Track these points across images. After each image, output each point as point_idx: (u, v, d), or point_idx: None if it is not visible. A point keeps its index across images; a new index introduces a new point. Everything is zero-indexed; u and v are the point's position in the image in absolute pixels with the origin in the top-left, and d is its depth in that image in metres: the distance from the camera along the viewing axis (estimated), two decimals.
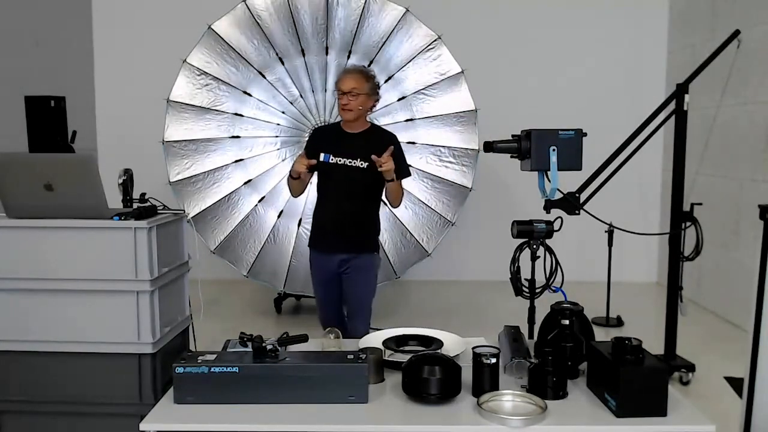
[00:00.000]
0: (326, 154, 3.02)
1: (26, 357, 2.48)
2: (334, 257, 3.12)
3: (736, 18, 4.93)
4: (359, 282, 3.17)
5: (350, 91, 2.99)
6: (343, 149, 3.04)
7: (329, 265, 3.13)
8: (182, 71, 4.69)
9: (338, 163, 3.03)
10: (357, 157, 3.03)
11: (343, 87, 3.01)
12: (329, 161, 3.02)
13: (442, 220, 4.82)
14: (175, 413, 1.81)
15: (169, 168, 4.66)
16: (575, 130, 2.37)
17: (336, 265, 3.12)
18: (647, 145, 3.80)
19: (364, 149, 3.01)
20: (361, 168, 3.03)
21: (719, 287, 5.21)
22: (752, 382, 2.28)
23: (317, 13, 4.70)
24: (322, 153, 3.02)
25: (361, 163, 3.03)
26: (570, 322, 2.08)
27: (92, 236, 2.41)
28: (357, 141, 3.07)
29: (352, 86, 2.99)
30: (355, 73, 3.07)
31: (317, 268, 3.20)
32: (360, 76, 3.04)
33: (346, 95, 2.99)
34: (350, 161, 3.03)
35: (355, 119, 3.05)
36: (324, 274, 3.17)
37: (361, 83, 3.02)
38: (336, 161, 3.03)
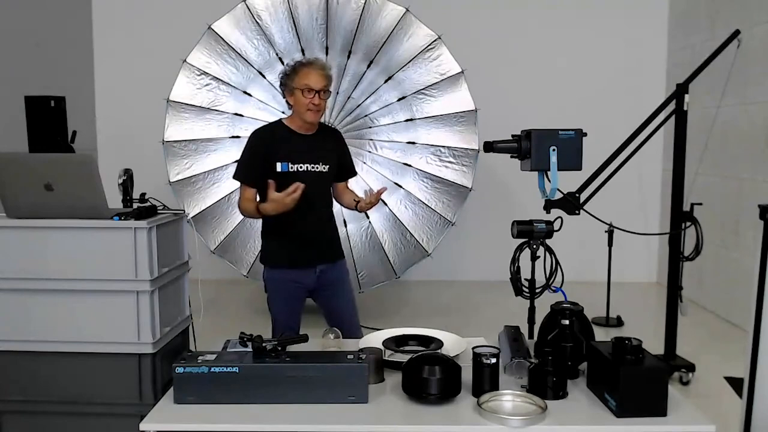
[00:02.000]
0: (284, 163, 2.69)
1: (26, 357, 2.48)
2: (310, 271, 2.83)
3: (736, 18, 4.93)
4: (344, 293, 2.94)
5: (322, 88, 2.67)
6: (302, 154, 2.72)
7: (305, 280, 2.84)
8: (182, 71, 4.69)
9: (299, 171, 2.71)
10: (318, 161, 2.76)
11: (314, 84, 2.65)
12: (288, 170, 2.70)
13: (442, 220, 4.82)
14: (175, 413, 1.81)
15: (169, 168, 4.66)
16: (575, 130, 2.37)
17: (314, 279, 2.85)
18: (647, 145, 3.80)
19: (322, 151, 2.78)
20: (324, 172, 2.79)
21: (719, 287, 5.21)
22: (752, 382, 2.28)
23: (317, 13, 4.70)
24: (279, 162, 2.68)
25: (323, 167, 2.77)
26: (570, 322, 2.08)
27: (92, 236, 2.41)
28: (313, 143, 2.78)
29: (324, 83, 2.68)
30: (323, 68, 2.72)
31: (288, 286, 2.84)
32: (327, 72, 2.73)
33: (318, 94, 2.66)
34: (313, 166, 2.74)
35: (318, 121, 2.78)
36: (296, 291, 2.85)
37: (329, 80, 2.73)
38: (297, 168, 2.70)
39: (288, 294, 2.85)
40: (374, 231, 4.79)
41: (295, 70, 2.70)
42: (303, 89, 2.66)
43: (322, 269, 2.86)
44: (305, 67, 2.69)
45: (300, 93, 2.67)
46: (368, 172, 4.82)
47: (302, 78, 2.67)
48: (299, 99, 2.68)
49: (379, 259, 4.79)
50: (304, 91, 2.65)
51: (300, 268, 2.83)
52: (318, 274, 2.86)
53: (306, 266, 2.84)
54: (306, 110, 2.68)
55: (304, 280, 2.85)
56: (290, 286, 2.84)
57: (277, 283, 2.85)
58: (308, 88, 2.65)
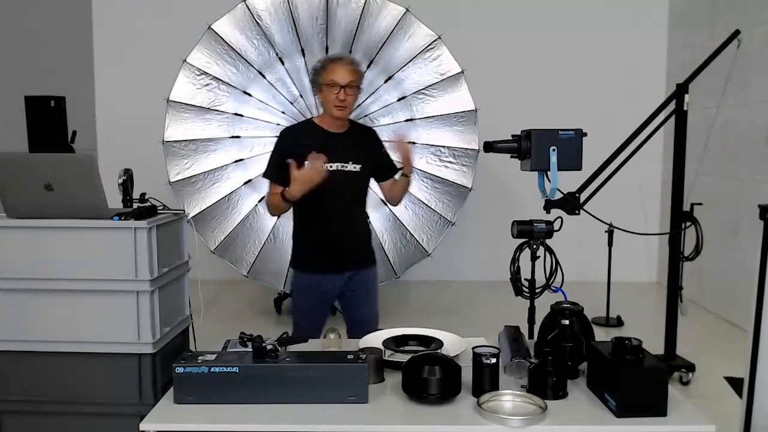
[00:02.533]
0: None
1: (26, 357, 2.48)
2: (339, 276, 2.76)
3: (736, 18, 4.93)
4: (367, 300, 2.85)
5: (348, 84, 2.61)
6: (333, 153, 2.64)
7: (333, 285, 2.77)
8: (182, 71, 4.69)
9: (330, 170, 2.61)
10: (350, 160, 2.69)
11: (339, 80, 2.60)
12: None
13: (442, 220, 4.82)
14: (175, 413, 1.81)
15: (169, 168, 4.66)
16: (575, 130, 2.37)
17: (342, 285, 2.77)
18: (647, 145, 3.80)
19: (354, 150, 2.72)
20: (356, 171, 2.71)
21: (719, 287, 5.21)
22: (752, 382, 2.28)
23: (317, 13, 4.70)
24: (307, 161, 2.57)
25: (354, 166, 2.70)
26: (570, 322, 2.07)
27: (92, 236, 2.41)
28: (344, 141, 2.72)
29: (350, 79, 2.62)
30: (351, 63, 2.67)
31: (313, 293, 2.77)
32: (355, 68, 2.67)
33: (344, 89, 2.60)
34: (343, 165, 2.68)
35: (346, 117, 2.72)
36: (321, 298, 2.78)
37: (356, 75, 2.66)
38: (327, 167, 2.59)
39: (312, 302, 2.78)
40: (374, 231, 4.79)
41: (323, 67, 2.67)
42: (328, 84, 2.62)
43: (352, 274, 2.79)
44: (332, 63, 2.66)
45: (327, 89, 2.63)
46: None
47: (329, 73, 2.63)
48: (326, 95, 2.64)
49: (379, 259, 4.75)
50: (331, 86, 2.61)
51: (328, 273, 2.76)
52: (347, 279, 2.79)
53: (334, 271, 2.76)
54: (332, 106, 2.64)
55: (332, 285, 2.78)
56: (315, 293, 2.77)
57: (302, 288, 2.80)
58: (333, 84, 2.61)
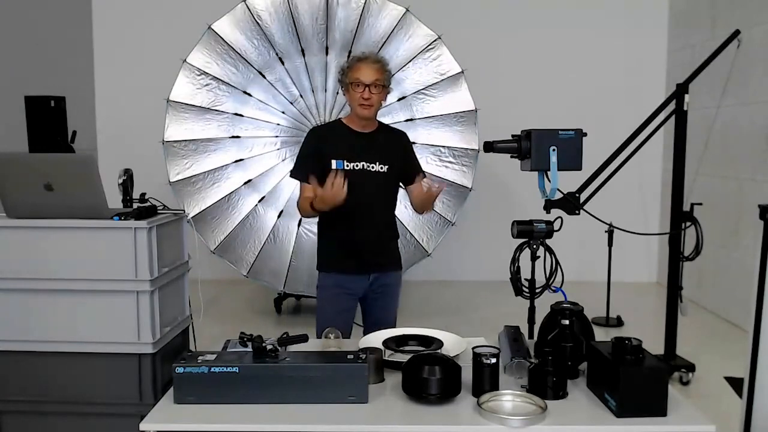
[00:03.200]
0: (339, 160, 2.61)
1: (26, 357, 2.48)
2: (364, 278, 2.73)
3: (736, 18, 4.93)
4: (390, 305, 2.82)
5: (373, 83, 2.58)
6: (359, 152, 2.64)
7: (358, 287, 2.73)
8: (182, 71, 4.69)
9: (355, 169, 2.61)
10: (376, 161, 2.65)
11: (364, 78, 2.57)
12: (344, 168, 2.60)
13: (442, 220, 4.82)
14: (175, 413, 1.81)
15: (169, 168, 4.66)
16: (575, 130, 2.37)
17: (366, 287, 2.74)
18: (647, 145, 3.80)
19: (381, 150, 2.68)
20: (382, 172, 2.67)
21: (719, 287, 5.21)
22: (752, 382, 2.28)
23: (317, 13, 4.70)
24: (334, 160, 2.60)
25: (381, 167, 2.66)
26: (570, 322, 2.07)
27: (92, 236, 2.41)
28: (372, 141, 2.69)
29: (375, 77, 2.58)
30: (376, 62, 2.63)
31: (337, 294, 2.72)
32: (381, 66, 2.63)
33: (368, 88, 2.57)
34: (369, 165, 2.64)
35: (374, 116, 2.67)
36: (346, 300, 2.73)
37: (382, 73, 2.62)
38: (353, 167, 2.61)
39: (337, 303, 2.74)
40: None
41: (350, 66, 2.66)
42: (354, 83, 2.60)
43: (376, 276, 2.76)
44: (358, 62, 2.64)
45: (352, 88, 2.61)
46: None
47: (354, 72, 2.61)
48: (351, 94, 2.63)
49: None
50: (356, 85, 2.60)
51: (352, 274, 2.73)
52: (371, 281, 2.76)
53: (358, 272, 2.73)
54: (357, 105, 2.61)
55: (356, 286, 2.75)
56: (339, 294, 2.73)
57: (326, 290, 2.76)
58: (358, 82, 2.59)
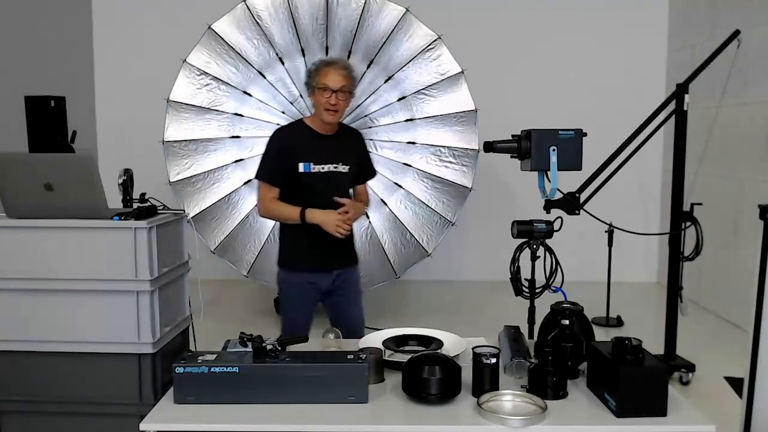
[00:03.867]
0: (306, 163, 2.67)
1: (26, 357, 2.48)
2: (328, 274, 2.81)
3: (736, 18, 4.93)
4: (354, 299, 2.92)
5: (341, 89, 2.63)
6: (324, 154, 2.71)
7: (322, 283, 2.80)
8: (182, 71, 4.69)
9: (321, 172, 2.69)
10: (339, 161, 2.74)
11: (331, 84, 2.62)
12: (311, 170, 2.68)
13: (442, 220, 4.82)
14: (175, 413, 1.81)
15: (169, 168, 4.66)
16: (575, 130, 2.37)
17: (330, 283, 2.82)
18: (647, 145, 3.80)
19: (343, 151, 2.77)
20: (345, 173, 2.77)
21: (719, 287, 5.21)
22: (752, 382, 2.28)
23: (317, 13, 4.70)
24: (301, 163, 2.66)
25: (343, 168, 2.75)
26: (570, 322, 2.08)
27: (92, 236, 2.41)
28: (335, 143, 2.76)
29: (343, 84, 2.63)
30: (344, 68, 2.69)
31: (305, 289, 2.79)
32: (349, 72, 2.69)
33: (336, 94, 2.62)
34: (334, 167, 2.72)
35: (338, 121, 2.75)
36: (312, 295, 2.81)
37: (350, 80, 2.68)
38: (319, 169, 2.69)
39: (303, 298, 2.80)
40: (374, 231, 4.79)
41: (317, 69, 2.68)
42: (321, 88, 2.63)
43: (338, 273, 2.83)
44: (326, 67, 2.67)
45: (319, 92, 2.64)
46: None
47: (322, 77, 2.64)
48: (318, 98, 2.66)
49: (379, 259, 4.79)
50: (323, 90, 2.63)
51: (318, 272, 2.79)
52: (334, 278, 2.82)
53: (324, 269, 2.80)
54: (323, 110, 2.65)
55: (321, 283, 2.80)
56: (307, 289, 2.79)
57: (293, 286, 2.81)
58: (326, 88, 2.62)
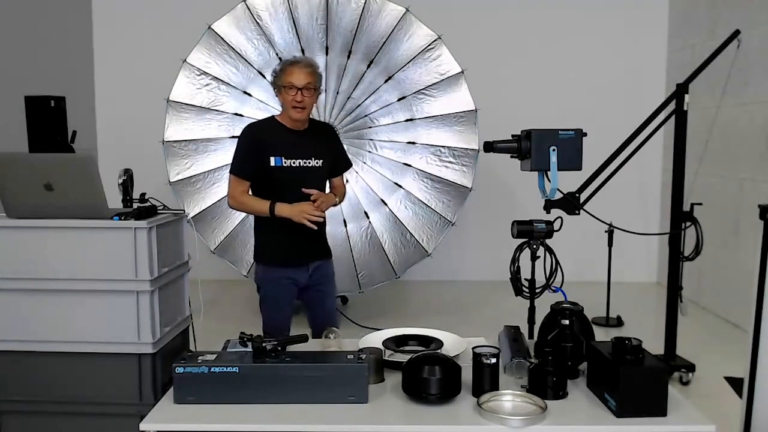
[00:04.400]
0: (277, 158, 2.73)
1: (26, 357, 2.48)
2: (304, 268, 2.86)
3: (736, 18, 4.93)
4: (330, 292, 2.99)
5: (305, 86, 2.69)
6: (296, 150, 2.77)
7: (300, 277, 2.85)
8: (182, 71, 4.69)
9: (293, 166, 2.75)
10: (311, 156, 2.80)
11: (296, 82, 2.68)
12: (282, 165, 2.74)
13: (442, 220, 4.82)
14: (175, 413, 1.81)
15: (169, 168, 4.66)
16: (575, 130, 2.37)
17: (307, 277, 2.86)
18: (647, 145, 3.80)
19: (315, 146, 2.82)
20: (318, 167, 2.82)
21: (719, 287, 5.21)
22: (752, 382, 2.28)
23: (317, 13, 4.70)
24: (273, 157, 2.72)
25: (316, 162, 2.81)
26: (570, 322, 2.08)
27: (92, 236, 2.41)
28: (306, 139, 2.82)
29: (307, 81, 2.69)
30: (308, 65, 2.75)
31: (283, 284, 2.83)
32: (313, 70, 2.75)
33: (300, 91, 2.68)
34: (306, 162, 2.79)
35: (306, 118, 2.80)
36: (290, 289, 2.85)
37: (314, 77, 2.74)
38: (290, 164, 2.75)
39: (283, 293, 2.85)
40: (374, 231, 4.79)
41: (282, 69, 2.75)
42: (287, 86, 2.70)
43: (314, 267, 2.89)
44: (290, 66, 2.74)
45: (285, 91, 2.71)
46: (368, 172, 4.82)
47: (287, 76, 2.71)
48: (284, 96, 2.73)
49: (379, 259, 4.79)
50: (288, 88, 2.69)
51: (294, 266, 2.84)
52: (311, 272, 2.88)
53: (300, 264, 2.85)
54: (291, 107, 2.72)
55: (298, 278, 2.85)
56: (285, 284, 2.84)
57: (272, 282, 2.85)
58: (291, 86, 2.69)
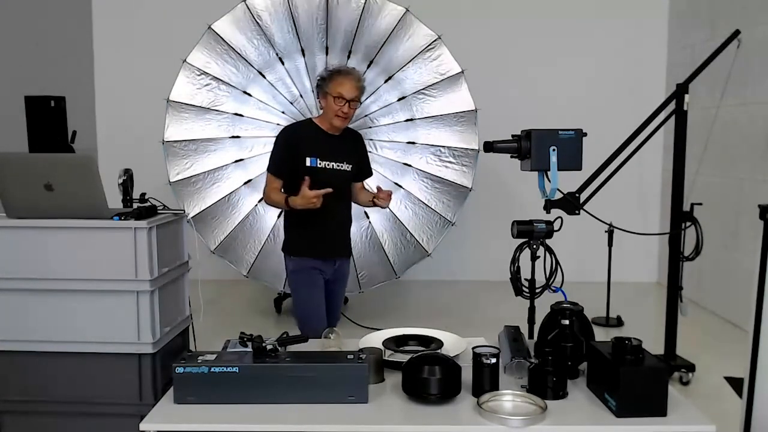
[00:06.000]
0: (312, 158, 2.87)
1: (26, 357, 2.48)
2: (332, 262, 3.03)
3: (736, 18, 4.93)
4: (342, 291, 3.19)
5: (353, 98, 2.85)
6: (330, 153, 2.91)
7: (327, 270, 3.02)
8: (182, 71, 4.68)
9: (326, 168, 2.90)
10: (343, 161, 2.95)
11: (346, 94, 2.83)
12: (317, 166, 2.88)
13: (442, 220, 4.82)
14: (175, 413, 1.81)
15: (169, 168, 4.66)
16: (575, 130, 2.37)
17: (332, 272, 3.04)
18: (647, 145, 3.80)
19: (347, 152, 2.98)
20: (348, 171, 2.98)
21: (719, 287, 5.21)
22: (752, 382, 2.28)
23: (317, 13, 4.70)
24: (308, 157, 2.86)
25: (347, 166, 2.96)
26: (570, 322, 2.08)
27: (92, 236, 2.41)
28: (340, 143, 2.97)
29: (356, 94, 2.86)
30: (359, 80, 2.90)
31: (315, 274, 2.98)
32: (362, 85, 2.92)
33: (348, 103, 2.84)
34: (338, 165, 2.93)
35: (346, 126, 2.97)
36: (320, 280, 2.99)
37: (361, 91, 2.91)
38: (324, 165, 2.90)
39: (315, 282, 2.98)
40: (374, 231, 4.79)
41: (332, 77, 2.86)
42: (335, 96, 2.82)
43: (339, 263, 3.06)
44: (341, 76, 2.85)
45: (332, 99, 2.83)
46: None
47: (336, 86, 2.83)
48: (330, 104, 2.85)
49: (379, 259, 4.79)
50: (336, 98, 2.82)
51: (324, 259, 2.99)
52: (336, 268, 3.05)
53: (329, 257, 3.01)
54: (335, 116, 2.85)
55: (326, 270, 3.01)
56: (315, 274, 2.97)
57: (304, 272, 2.98)
58: (340, 96, 2.81)
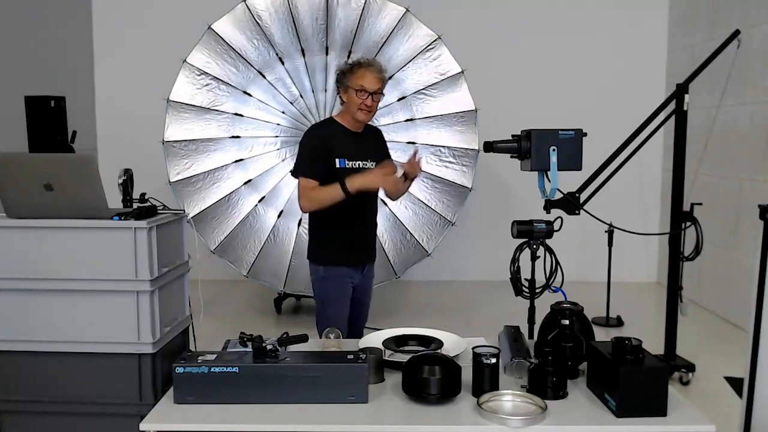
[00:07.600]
0: (342, 159, 2.73)
1: (26, 357, 2.48)
2: (360, 268, 2.90)
3: (736, 18, 4.93)
4: (370, 293, 3.05)
5: (376, 91, 2.71)
6: (356, 152, 2.78)
7: (356, 277, 2.88)
8: (182, 71, 4.69)
9: (354, 168, 2.75)
10: (368, 158, 2.81)
11: (369, 86, 2.69)
12: (346, 166, 2.73)
13: (442, 220, 4.82)
14: (175, 413, 1.81)
15: (169, 168, 4.66)
16: (575, 130, 2.37)
17: (360, 277, 2.91)
18: (647, 145, 3.80)
19: (370, 148, 2.86)
20: (372, 168, 2.81)
21: (719, 287, 5.21)
22: (752, 382, 2.28)
23: (317, 13, 4.70)
24: (338, 159, 2.72)
25: (371, 164, 2.81)
26: (570, 322, 2.08)
27: (92, 236, 2.41)
28: (364, 141, 2.85)
29: (378, 86, 2.72)
30: (381, 71, 2.75)
31: (346, 282, 2.84)
32: (384, 76, 2.77)
33: (372, 96, 2.70)
34: (364, 163, 2.79)
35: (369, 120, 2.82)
36: (349, 289, 2.86)
37: (384, 83, 2.76)
38: (352, 165, 2.75)
39: (343, 292, 2.85)
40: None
41: (352, 70, 2.74)
42: (357, 89, 2.69)
43: (366, 268, 2.94)
44: (362, 68, 2.72)
45: (354, 93, 2.71)
46: None
47: (358, 78, 2.70)
48: (352, 98, 2.72)
49: (379, 259, 4.75)
50: (359, 91, 2.69)
51: (354, 266, 2.87)
52: (364, 273, 2.92)
53: (357, 264, 2.89)
54: (358, 110, 2.72)
55: (354, 277, 2.88)
56: (345, 283, 2.84)
57: (334, 280, 2.83)
58: (363, 89, 2.69)
